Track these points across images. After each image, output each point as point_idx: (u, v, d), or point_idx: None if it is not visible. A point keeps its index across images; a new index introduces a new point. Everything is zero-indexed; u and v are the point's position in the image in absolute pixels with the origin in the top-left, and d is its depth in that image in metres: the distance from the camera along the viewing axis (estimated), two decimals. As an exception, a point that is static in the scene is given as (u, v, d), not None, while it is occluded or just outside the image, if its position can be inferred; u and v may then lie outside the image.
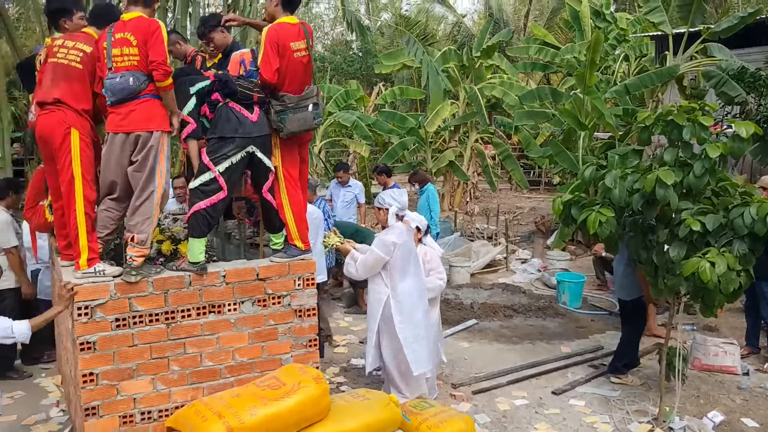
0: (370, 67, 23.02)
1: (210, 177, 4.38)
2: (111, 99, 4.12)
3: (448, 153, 14.61)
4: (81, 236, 4.16)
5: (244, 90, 4.46)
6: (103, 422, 4.22)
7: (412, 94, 15.78)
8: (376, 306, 5.32)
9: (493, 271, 10.46)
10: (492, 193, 17.51)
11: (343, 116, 13.97)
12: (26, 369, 6.55)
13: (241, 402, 4.24)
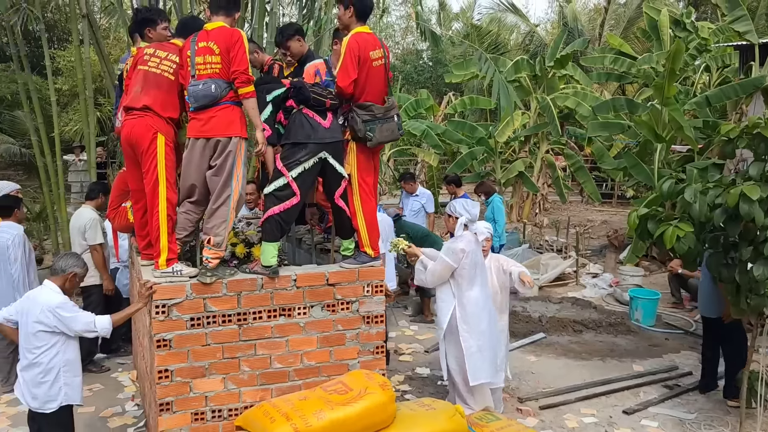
0: (441, 77, 23.01)
1: (284, 182, 4.47)
2: (193, 105, 4.27)
3: (518, 163, 14.43)
4: (162, 237, 4.32)
5: (317, 96, 4.54)
6: (176, 418, 4.35)
7: (483, 104, 15.67)
8: (444, 315, 5.29)
9: (562, 285, 10.25)
10: (562, 205, 17.17)
11: (413, 125, 14.00)
12: (104, 363, 6.83)
13: (308, 405, 4.29)
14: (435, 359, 6.73)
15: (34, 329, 4.16)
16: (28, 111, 10.04)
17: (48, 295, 4.24)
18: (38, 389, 4.18)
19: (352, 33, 4.53)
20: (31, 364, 4.19)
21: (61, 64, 15.92)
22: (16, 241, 5.83)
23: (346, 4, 4.56)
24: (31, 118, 9.90)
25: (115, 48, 16.58)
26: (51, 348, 4.19)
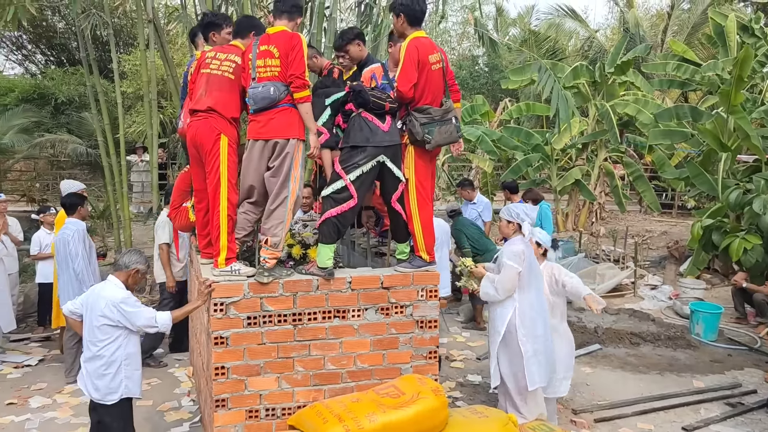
0: (496, 82, 22.81)
1: (341, 185, 4.50)
2: (253, 107, 4.36)
3: (575, 171, 14.16)
4: (222, 236, 4.41)
5: (377, 100, 4.56)
6: (230, 414, 4.42)
7: (539, 110, 15.45)
8: (502, 318, 5.21)
9: (619, 296, 10.00)
10: (619, 214, 16.78)
11: (468, 131, 13.89)
12: (162, 359, 7.02)
13: (360, 407, 4.30)
14: (486, 367, 6.63)
15: (98, 322, 4.28)
16: (96, 113, 10.40)
17: (112, 290, 4.35)
18: (100, 381, 4.30)
19: (411, 38, 4.55)
20: (94, 357, 4.31)
21: (126, 68, 16.43)
22: (76, 236, 6.03)
23: (397, 12, 4.60)
24: (98, 119, 10.24)
25: (178, 53, 17.02)
26: (114, 341, 4.30)
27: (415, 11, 4.57)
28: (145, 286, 9.72)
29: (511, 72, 14.82)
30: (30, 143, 14.67)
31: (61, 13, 19.94)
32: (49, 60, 22.34)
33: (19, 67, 23.46)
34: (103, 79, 12.66)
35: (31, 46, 22.18)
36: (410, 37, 4.56)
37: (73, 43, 20.65)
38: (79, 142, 15.35)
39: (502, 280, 5.10)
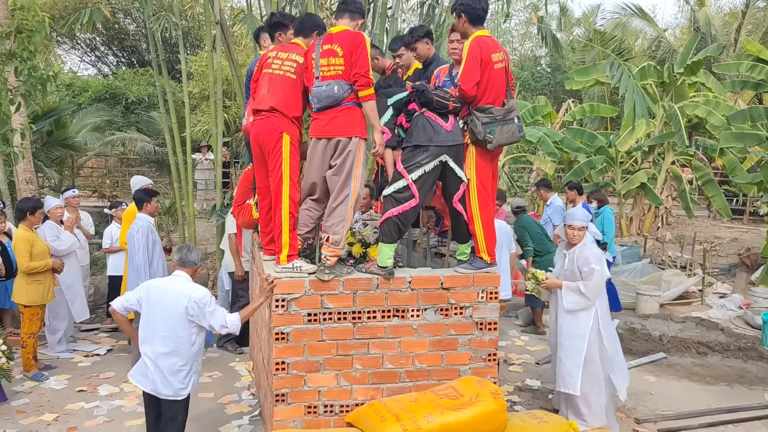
0: (559, 83, 22.41)
1: (403, 185, 4.50)
2: (317, 105, 4.39)
3: (640, 174, 13.76)
4: (284, 233, 4.47)
5: (440, 99, 4.54)
6: (290, 409, 4.48)
7: (604, 112, 15.11)
8: (585, 325, 5.14)
9: (685, 304, 9.67)
10: (687, 219, 16.21)
11: (530, 132, 13.69)
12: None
13: (418, 407, 4.29)
14: (546, 371, 6.55)
15: (180, 319, 4.21)
16: (164, 112, 10.71)
17: (190, 285, 4.30)
18: (174, 377, 4.25)
19: (473, 37, 4.51)
20: (170, 353, 4.22)
21: (192, 69, 16.88)
22: (140, 232, 6.22)
23: (458, 13, 4.57)
24: (166, 118, 10.54)
25: (242, 54, 17.38)
26: (192, 337, 4.29)
27: (477, 10, 4.53)
28: (208, 281, 9.97)
29: (575, 73, 14.53)
30: (102, 141, 15.25)
31: (132, 15, 20.66)
32: (120, 61, 23.17)
33: (92, 68, 24.45)
34: (170, 79, 13.03)
35: (103, 48, 23.05)
36: (473, 35, 4.52)
37: (143, 45, 21.37)
38: (147, 141, 15.87)
39: (594, 287, 5.07)
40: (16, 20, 7.22)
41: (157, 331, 4.24)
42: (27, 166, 8.89)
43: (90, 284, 8.81)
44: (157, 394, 4.28)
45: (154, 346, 4.24)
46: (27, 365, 6.42)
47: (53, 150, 12.89)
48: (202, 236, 11.81)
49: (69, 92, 18.28)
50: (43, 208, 6.79)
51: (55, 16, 13.63)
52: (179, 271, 4.42)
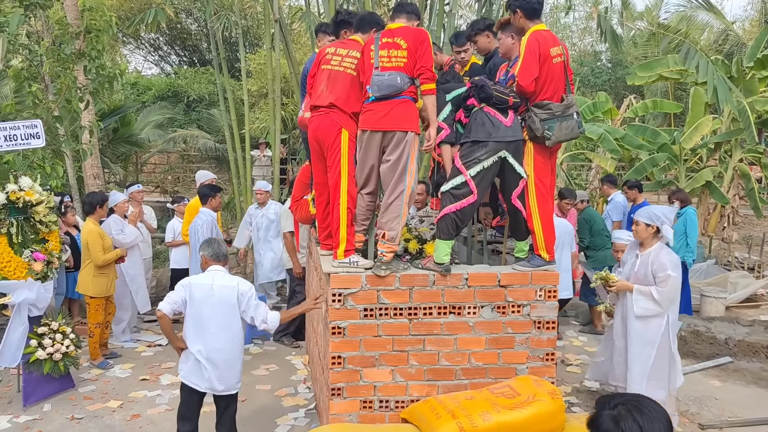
0: (620, 79, 21.86)
1: (461, 181, 4.45)
2: (376, 94, 4.37)
3: (706, 172, 13.29)
4: (341, 228, 4.50)
5: (500, 94, 4.48)
6: (346, 403, 4.51)
7: (668, 108, 14.63)
8: (656, 331, 5.03)
9: (754, 306, 9.30)
10: (755, 219, 15.59)
11: (589, 128, 13.37)
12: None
13: (474, 405, 4.24)
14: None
15: (232, 312, 4.28)
16: (224, 109, 10.95)
17: (234, 278, 4.40)
18: (230, 372, 4.32)
19: (531, 31, 4.42)
20: (226, 348, 4.29)
21: (251, 67, 17.18)
22: (204, 226, 6.36)
23: (513, 9, 4.50)
24: (226, 116, 10.77)
25: (300, 52, 17.59)
26: (242, 332, 4.42)
27: (532, 4, 4.44)
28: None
29: (638, 68, 14.11)
30: (164, 138, 15.69)
31: (194, 15, 21.17)
32: (182, 60, 23.80)
33: (155, 68, 25.20)
34: (230, 78, 13.30)
35: (166, 47, 23.73)
36: (531, 30, 4.44)
37: (204, 44, 21.89)
38: (208, 138, 16.24)
39: (668, 294, 4.93)
40: (85, 21, 7.49)
41: (208, 329, 4.26)
42: (94, 162, 9.23)
43: (152, 276, 9.08)
44: (213, 391, 4.33)
45: (208, 344, 4.26)
46: (93, 354, 6.66)
47: (119, 146, 13.33)
48: (259, 231, 11.99)
49: (134, 91, 18.89)
50: (109, 203, 7.02)
51: (121, 17, 14.07)
52: (216, 266, 4.45)
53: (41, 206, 5.64)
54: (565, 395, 5.97)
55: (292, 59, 10.37)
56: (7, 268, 5.49)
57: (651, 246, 5.11)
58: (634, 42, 23.27)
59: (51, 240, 5.81)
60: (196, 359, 4.29)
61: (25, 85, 6.92)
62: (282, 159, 14.99)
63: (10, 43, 6.70)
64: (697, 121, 12.65)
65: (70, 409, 5.57)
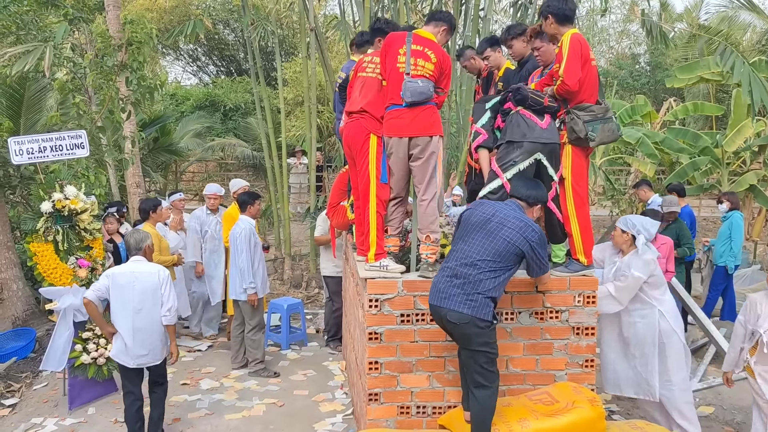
0: (659, 82, 21.51)
1: (498, 184, 4.46)
2: (408, 100, 4.42)
3: (749, 176, 12.97)
4: (371, 232, 4.56)
5: (534, 96, 4.47)
6: (383, 409, 4.52)
7: (709, 111, 14.34)
8: (651, 330, 4.91)
9: (800, 314, 9.00)
10: (802, 224, 15.14)
11: (628, 132, 13.20)
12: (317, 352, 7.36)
13: (512, 412, 4.22)
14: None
15: (155, 296, 4.88)
16: (260, 118, 11.09)
17: (157, 267, 4.99)
18: (154, 346, 4.95)
19: (572, 33, 4.39)
20: (149, 327, 4.90)
21: (287, 75, 17.37)
22: (243, 235, 6.43)
23: (545, 15, 4.49)
24: (263, 124, 10.90)
25: (335, 60, 17.74)
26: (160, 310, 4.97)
27: (564, 10, 4.42)
28: (302, 282, 10.21)
29: (678, 69, 13.87)
30: (202, 147, 15.95)
31: (231, 26, 21.53)
32: (219, 70, 24.20)
33: (193, 78, 25.67)
34: (266, 86, 13.47)
35: (204, 58, 24.16)
36: (570, 32, 4.41)
37: (240, 54, 22.23)
38: (245, 146, 16.46)
39: (625, 288, 4.84)
40: (127, 33, 7.68)
41: (132, 311, 4.83)
42: (136, 171, 9.44)
43: (192, 283, 9.20)
44: (141, 365, 4.91)
45: (133, 324, 4.82)
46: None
47: (159, 155, 13.61)
48: (296, 238, 12.12)
49: (173, 101, 19.25)
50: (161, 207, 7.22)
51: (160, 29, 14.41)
52: (137, 256, 4.98)
53: (86, 214, 5.79)
54: (605, 403, 5.88)
55: (327, 67, 10.46)
56: (53, 275, 5.65)
57: (627, 253, 5.00)
58: (674, 44, 22.86)
59: (95, 247, 5.96)
60: (123, 339, 4.86)
61: (69, 97, 7.12)
62: (318, 166, 15.13)
63: (56, 56, 6.91)
64: (740, 124, 12.39)
65: (113, 413, 5.68)
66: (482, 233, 4.02)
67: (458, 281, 3.92)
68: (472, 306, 3.85)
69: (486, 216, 4.08)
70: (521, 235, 3.97)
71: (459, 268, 3.96)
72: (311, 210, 10.38)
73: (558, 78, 4.36)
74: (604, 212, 14.66)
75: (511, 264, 4.01)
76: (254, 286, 6.40)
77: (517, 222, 4.01)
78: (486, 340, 3.91)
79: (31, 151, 5.86)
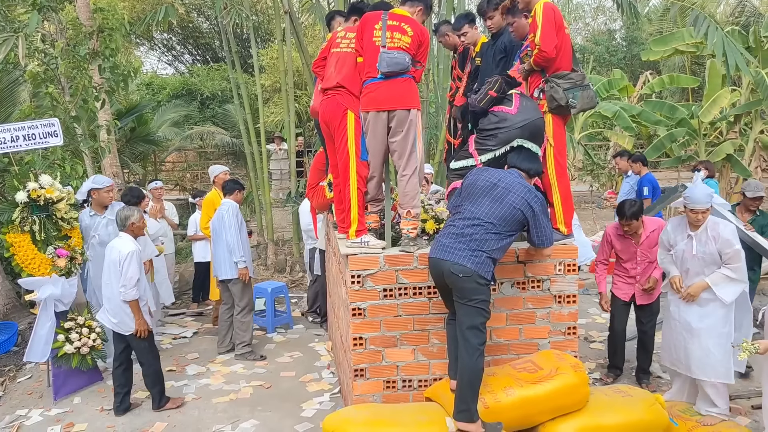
0: (635, 56, 21.62)
1: (471, 163, 4.57)
2: (384, 70, 4.42)
3: (726, 145, 13.10)
4: (352, 209, 4.56)
5: (484, 98, 4.58)
6: (369, 384, 4.54)
7: (685, 83, 14.44)
8: (728, 311, 4.69)
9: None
10: (778, 192, 15.36)
11: (605, 106, 13.29)
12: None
13: (497, 381, 4.26)
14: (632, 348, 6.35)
15: (116, 270, 5.17)
16: (238, 104, 11.00)
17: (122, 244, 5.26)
18: (120, 314, 5.30)
19: (544, 2, 4.42)
20: (115, 296, 5.27)
21: (264, 62, 17.21)
22: (230, 211, 6.41)
23: None
24: (241, 111, 10.82)
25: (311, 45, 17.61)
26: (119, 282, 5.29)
27: None
28: (286, 266, 10.20)
29: (653, 42, 13.93)
30: (181, 135, 15.80)
31: (205, 14, 21.26)
32: (195, 59, 23.92)
33: (169, 67, 25.37)
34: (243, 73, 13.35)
35: (179, 47, 23.85)
36: (542, 1, 4.43)
37: (216, 42, 21.97)
38: (224, 133, 16.32)
39: (742, 267, 4.58)
40: (97, 21, 7.57)
41: (104, 281, 5.35)
42: (113, 161, 9.32)
43: (175, 272, 9.17)
44: (114, 328, 5.31)
45: (104, 292, 5.36)
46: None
47: (137, 146, 13.46)
48: (278, 224, 12.08)
49: (149, 91, 19.03)
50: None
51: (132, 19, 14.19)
52: (122, 233, 5.32)
53: (62, 203, 5.71)
54: (589, 372, 5.96)
55: (304, 51, 10.38)
56: (31, 265, 5.58)
57: (699, 228, 4.70)
58: (648, 18, 22.96)
59: (73, 236, 5.89)
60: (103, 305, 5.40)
61: (42, 88, 7.01)
62: (298, 151, 15.05)
63: (27, 47, 6.78)
64: (715, 94, 12.48)
65: (99, 401, 5.66)
66: (489, 198, 4.11)
67: (464, 239, 4.00)
68: (476, 262, 3.93)
69: (492, 181, 4.18)
70: (525, 201, 4.08)
71: (465, 228, 4.04)
72: (292, 194, 10.35)
73: (534, 48, 4.39)
74: (584, 187, 14.77)
75: (514, 230, 4.12)
76: (245, 259, 6.39)
77: (522, 188, 4.14)
78: (483, 298, 3.96)
79: (3, 141, 5.75)
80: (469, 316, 3.93)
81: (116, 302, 5.21)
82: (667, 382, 5.66)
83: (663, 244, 4.98)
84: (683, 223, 4.82)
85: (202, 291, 8.47)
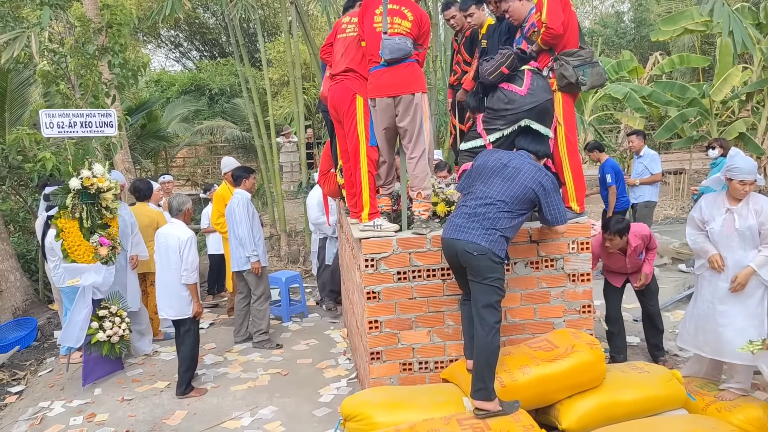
0: (644, 38, 21.45)
1: (480, 144, 4.58)
2: (387, 57, 4.41)
3: (738, 124, 13.00)
4: (364, 192, 4.57)
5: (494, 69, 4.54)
6: (385, 367, 4.57)
7: (695, 62, 14.33)
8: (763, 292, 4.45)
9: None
10: (792, 170, 15.20)
11: (615, 88, 13.20)
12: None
13: (513, 360, 4.27)
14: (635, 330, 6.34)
15: (175, 255, 5.45)
16: (247, 98, 11.03)
17: (179, 231, 5.49)
18: (174, 301, 5.56)
19: None
20: (168, 282, 5.54)
21: (271, 56, 17.23)
22: (240, 204, 6.44)
23: None
24: (250, 104, 10.85)
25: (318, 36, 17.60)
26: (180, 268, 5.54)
27: None
28: (299, 257, 10.24)
29: (661, 22, 13.82)
30: (191, 131, 15.88)
31: (211, 10, 21.29)
32: (202, 55, 23.99)
33: (177, 64, 25.45)
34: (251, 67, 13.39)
35: (186, 43, 23.94)
36: None
37: (222, 37, 22.02)
38: (234, 127, 16.38)
39: None
40: (105, 17, 7.60)
41: (160, 267, 5.55)
42: (125, 157, 9.39)
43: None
44: (165, 317, 5.65)
45: (161, 279, 5.55)
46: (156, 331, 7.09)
47: (148, 142, 13.54)
48: (290, 215, 12.13)
49: (158, 87, 19.13)
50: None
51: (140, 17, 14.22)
52: (173, 219, 5.56)
53: (109, 193, 5.85)
54: (605, 350, 5.94)
55: (311, 42, 10.39)
56: (77, 252, 5.70)
57: (740, 201, 4.47)
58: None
59: (112, 225, 5.99)
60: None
61: (53, 86, 7.05)
62: (308, 143, 15.08)
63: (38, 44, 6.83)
64: (726, 73, 12.38)
65: (120, 392, 5.73)
66: (500, 178, 4.14)
67: (477, 218, 4.03)
68: (490, 240, 3.95)
69: (502, 162, 4.20)
70: (536, 179, 4.10)
71: (478, 208, 4.07)
72: (303, 185, 10.38)
73: (541, 26, 4.37)
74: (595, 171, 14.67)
75: (525, 209, 4.14)
76: (257, 253, 6.44)
77: (532, 167, 4.16)
78: (498, 276, 3.97)
79: (61, 125, 5.91)
80: (485, 295, 3.94)
81: (172, 288, 5.45)
82: (683, 360, 5.66)
83: (695, 223, 4.67)
84: (719, 199, 4.56)
85: (217, 283, 8.52)
